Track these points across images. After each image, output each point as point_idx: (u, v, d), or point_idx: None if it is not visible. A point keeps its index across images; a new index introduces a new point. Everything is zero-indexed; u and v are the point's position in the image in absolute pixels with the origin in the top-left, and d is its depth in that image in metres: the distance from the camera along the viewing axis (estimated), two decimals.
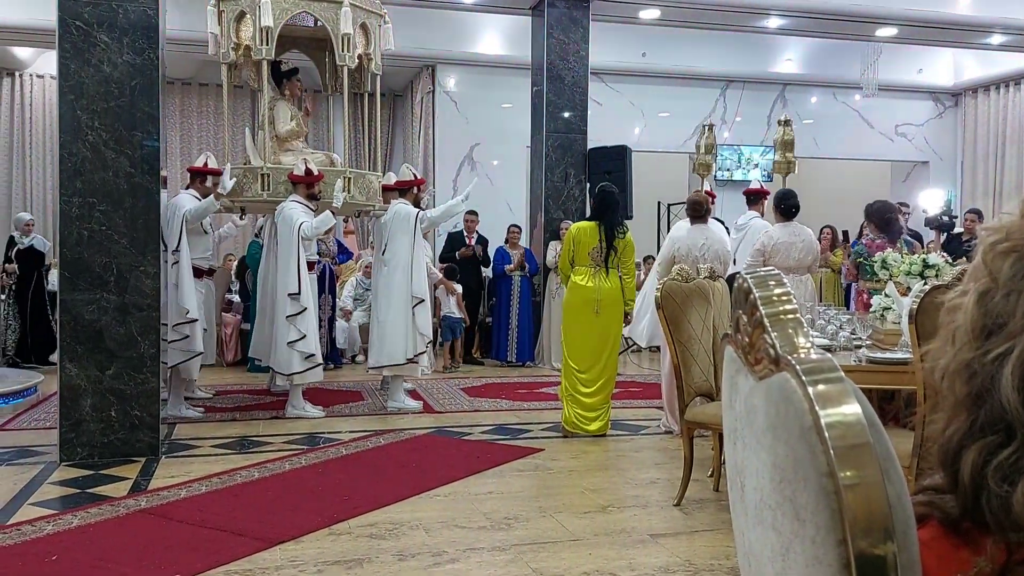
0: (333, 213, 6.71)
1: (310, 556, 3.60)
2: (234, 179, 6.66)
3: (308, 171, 6.63)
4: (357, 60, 7.00)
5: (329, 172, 6.92)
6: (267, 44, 6.63)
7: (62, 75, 5.15)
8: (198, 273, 6.65)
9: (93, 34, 5.15)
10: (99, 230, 5.15)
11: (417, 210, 6.98)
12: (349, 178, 6.93)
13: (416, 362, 6.87)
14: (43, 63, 12.18)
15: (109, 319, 5.17)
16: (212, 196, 6.51)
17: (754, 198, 7.37)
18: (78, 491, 4.56)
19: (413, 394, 7.29)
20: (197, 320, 6.37)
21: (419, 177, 7.46)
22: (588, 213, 7.00)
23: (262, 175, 6.77)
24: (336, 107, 8.24)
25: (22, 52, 12.03)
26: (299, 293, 6.36)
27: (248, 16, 6.80)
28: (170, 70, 6.97)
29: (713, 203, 7.14)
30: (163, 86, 5.40)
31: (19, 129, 12.44)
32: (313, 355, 6.43)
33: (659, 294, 4.34)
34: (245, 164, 7.17)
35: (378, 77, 7.44)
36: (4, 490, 4.55)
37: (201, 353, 6.45)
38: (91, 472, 4.92)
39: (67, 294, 5.16)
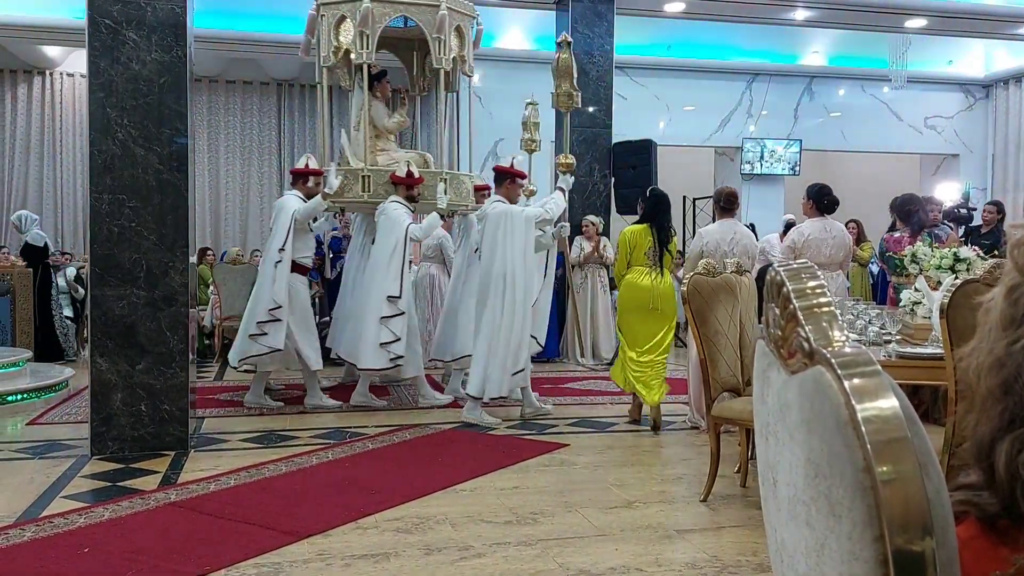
0: (441, 215, 6.80)
1: (338, 550, 3.62)
2: (340, 178, 6.74)
3: (410, 173, 6.72)
4: (452, 62, 7.08)
5: (426, 174, 7.01)
6: (367, 48, 6.72)
7: (91, 73, 5.21)
8: (303, 269, 6.81)
9: (122, 32, 5.20)
10: (128, 226, 5.21)
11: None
12: (445, 179, 6.99)
13: None
14: (73, 61, 12.33)
15: (139, 314, 5.23)
16: (320, 196, 6.62)
17: (499, 179, 6.55)
18: (109, 484, 4.62)
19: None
20: (281, 320, 6.47)
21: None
22: (622, 214, 7.09)
23: (363, 176, 6.85)
24: (423, 107, 8.29)
25: (52, 51, 12.19)
26: (399, 296, 6.44)
27: (348, 20, 6.88)
28: (197, 67, 7.03)
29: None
30: (191, 83, 5.44)
31: (49, 127, 12.60)
32: (401, 357, 6.50)
33: (686, 288, 4.32)
34: (339, 165, 7.20)
35: (470, 79, 7.48)
36: (37, 483, 4.62)
37: (279, 349, 6.53)
38: (122, 465, 4.98)
39: (97, 289, 5.22)
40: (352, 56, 6.97)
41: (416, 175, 6.74)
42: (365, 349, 6.49)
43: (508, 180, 6.42)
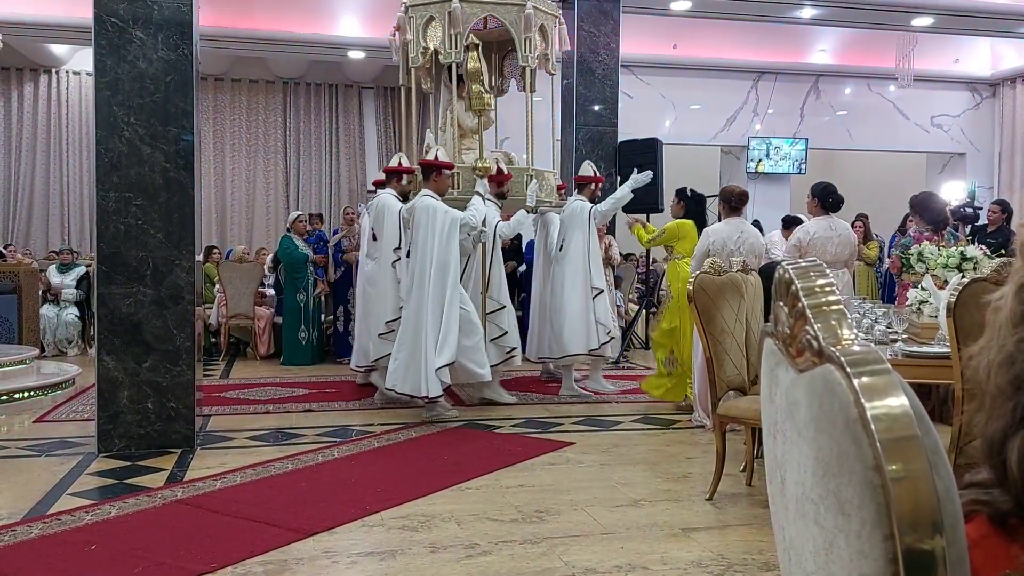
0: (528, 211, 6.87)
1: (343, 547, 3.63)
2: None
3: (499, 170, 6.80)
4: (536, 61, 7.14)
5: (513, 171, 7.08)
6: (455, 48, 6.79)
7: (98, 71, 5.22)
8: None
9: (128, 30, 5.21)
10: (135, 224, 5.22)
11: (590, 205, 7.23)
12: (531, 176, 7.06)
13: (601, 354, 7.13)
14: (79, 60, 12.37)
15: (145, 312, 5.24)
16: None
17: (426, 172, 6.50)
18: (116, 482, 4.63)
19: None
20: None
21: (598, 175, 7.65)
22: (669, 211, 7.41)
23: (453, 174, 6.89)
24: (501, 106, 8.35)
25: (59, 49, 12.23)
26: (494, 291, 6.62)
27: (436, 21, 6.93)
28: (203, 66, 7.05)
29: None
30: (197, 82, 5.45)
31: (56, 125, 12.65)
32: (514, 348, 6.77)
33: (691, 287, 4.32)
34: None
35: (554, 77, 7.58)
36: (44, 480, 4.63)
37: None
38: (128, 463, 4.99)
39: (104, 287, 5.24)
40: (440, 57, 7.05)
41: (505, 172, 6.83)
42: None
43: (435, 173, 6.37)
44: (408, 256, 6.39)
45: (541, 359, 7.62)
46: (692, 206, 6.87)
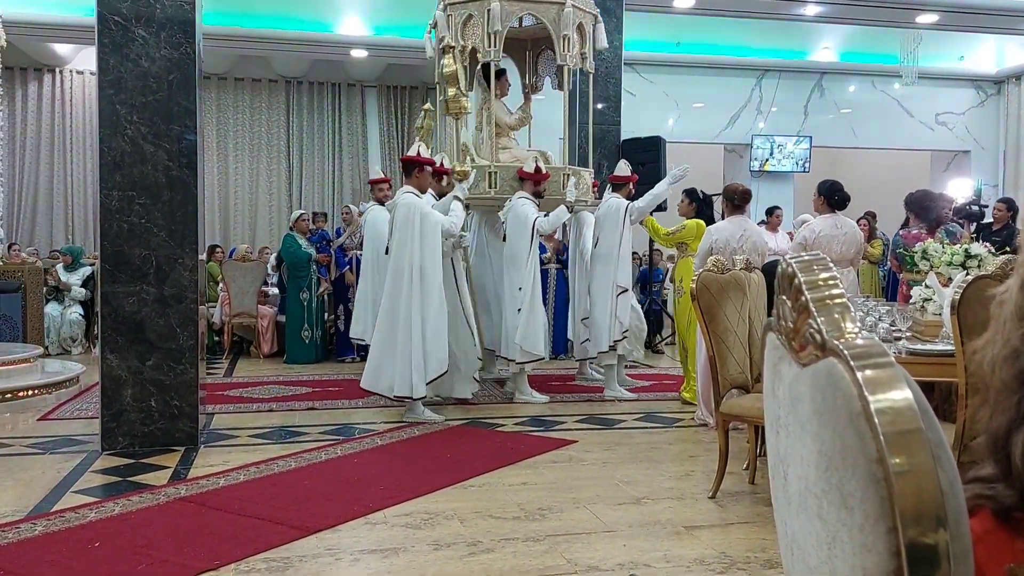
0: (568, 208, 6.88)
1: (346, 545, 3.63)
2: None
3: (538, 169, 6.83)
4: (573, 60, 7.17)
5: (551, 171, 7.10)
6: (495, 46, 6.82)
7: (101, 70, 5.22)
8: None
9: (131, 29, 5.22)
10: (138, 223, 5.22)
11: (627, 202, 7.19)
12: (568, 174, 7.10)
13: (615, 349, 7.14)
14: (82, 59, 12.38)
15: (149, 311, 5.25)
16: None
17: (408, 168, 6.34)
18: (119, 479, 4.64)
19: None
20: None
21: (634, 174, 7.64)
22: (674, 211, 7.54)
23: (489, 173, 6.93)
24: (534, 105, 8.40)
25: (62, 48, 12.24)
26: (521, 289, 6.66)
27: (475, 19, 6.94)
28: (206, 65, 7.05)
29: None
30: (200, 81, 5.45)
31: (59, 124, 12.66)
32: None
33: (694, 285, 4.31)
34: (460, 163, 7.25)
35: (591, 76, 7.63)
36: (48, 478, 4.64)
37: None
38: (132, 461, 5.00)
39: (107, 286, 5.25)
40: (479, 55, 7.07)
41: (544, 171, 6.86)
42: (509, 341, 6.77)
43: (416, 169, 6.27)
44: (387, 253, 6.33)
45: (581, 360, 7.70)
46: (704, 207, 7.01)
